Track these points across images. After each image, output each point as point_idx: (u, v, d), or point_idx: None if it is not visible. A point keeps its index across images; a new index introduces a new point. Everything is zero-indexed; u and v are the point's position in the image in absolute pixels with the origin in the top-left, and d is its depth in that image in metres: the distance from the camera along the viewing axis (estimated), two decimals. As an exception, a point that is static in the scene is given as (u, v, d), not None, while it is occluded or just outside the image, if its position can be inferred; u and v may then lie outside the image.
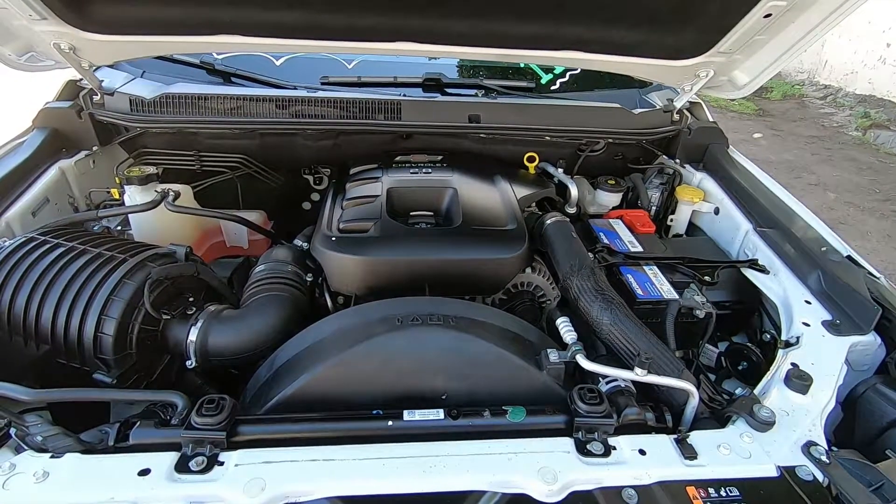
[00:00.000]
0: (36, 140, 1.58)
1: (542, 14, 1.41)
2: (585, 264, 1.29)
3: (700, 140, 1.90)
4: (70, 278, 1.09)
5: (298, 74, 1.89)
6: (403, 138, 1.85)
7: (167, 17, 1.39)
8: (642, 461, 0.86)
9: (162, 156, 1.77)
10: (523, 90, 1.98)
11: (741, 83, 1.74)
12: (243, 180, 1.86)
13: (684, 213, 1.84)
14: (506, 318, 1.15)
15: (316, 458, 0.84)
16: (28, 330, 1.07)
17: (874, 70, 7.37)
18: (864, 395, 1.08)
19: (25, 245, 1.15)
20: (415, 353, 1.02)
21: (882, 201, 5.00)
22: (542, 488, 0.80)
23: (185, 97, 1.67)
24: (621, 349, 1.11)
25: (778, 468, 0.86)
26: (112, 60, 1.60)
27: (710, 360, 1.40)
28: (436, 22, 1.42)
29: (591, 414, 0.91)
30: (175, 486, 0.79)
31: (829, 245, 1.39)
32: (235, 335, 1.15)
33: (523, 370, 1.02)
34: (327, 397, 0.98)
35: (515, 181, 1.69)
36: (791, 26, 1.45)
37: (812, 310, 1.23)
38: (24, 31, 1.41)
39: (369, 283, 1.33)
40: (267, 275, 1.30)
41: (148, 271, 1.13)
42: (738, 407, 0.97)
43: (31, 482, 0.78)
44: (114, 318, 1.06)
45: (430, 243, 1.37)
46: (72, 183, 1.61)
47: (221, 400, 0.89)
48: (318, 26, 1.43)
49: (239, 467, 0.82)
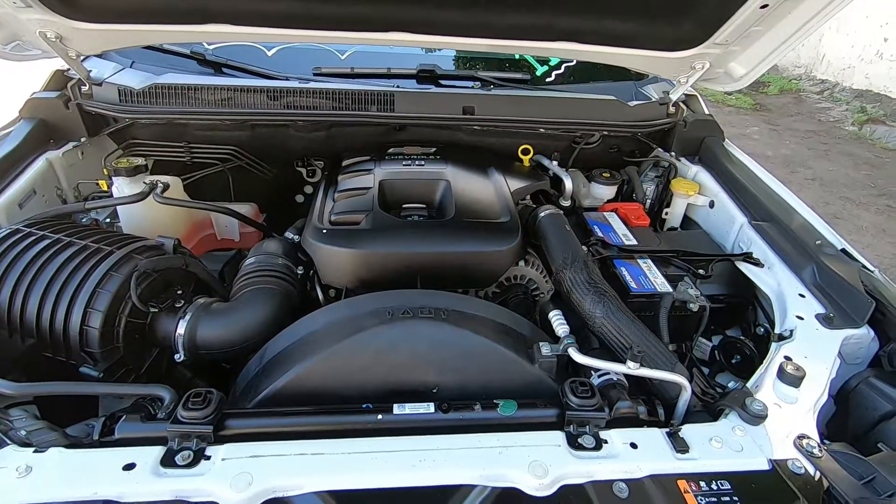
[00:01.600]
0: (23, 131, 1.55)
1: (537, 4, 1.39)
2: (578, 257, 1.28)
3: (696, 133, 1.89)
4: (56, 270, 1.07)
5: (290, 65, 1.87)
6: (397, 130, 1.83)
7: (156, 6, 1.37)
8: (634, 455, 0.86)
9: (151, 147, 1.75)
10: (518, 82, 1.96)
11: (737, 75, 1.73)
12: (234, 172, 1.84)
13: (679, 206, 1.83)
14: (498, 311, 1.14)
15: (304, 452, 0.83)
16: (13, 323, 1.05)
17: (871, 65, 7.36)
18: (856, 388, 1.08)
19: (10, 237, 1.13)
20: (406, 347, 1.01)
21: (878, 196, 5.02)
22: (533, 482, 0.80)
23: (175, 88, 1.64)
24: (614, 342, 1.10)
25: (769, 461, 0.86)
26: (100, 50, 1.57)
27: (703, 354, 1.39)
28: (430, 12, 1.40)
29: (583, 407, 0.91)
30: (160, 481, 0.78)
31: (823, 238, 1.38)
32: (224, 328, 1.14)
33: (515, 363, 1.01)
34: (317, 390, 0.97)
35: (509, 174, 1.68)
36: (787, 17, 1.43)
37: (806, 303, 1.22)
38: (9, 20, 1.38)
39: (361, 275, 1.32)
40: (257, 268, 1.29)
41: (135, 264, 1.12)
42: (731, 400, 0.96)
43: (13, 477, 0.77)
44: (100, 310, 1.04)
45: (422, 236, 1.36)
46: (59, 174, 1.58)
47: (208, 393, 0.88)
48: (311, 16, 1.41)
49: (226, 461, 0.81)
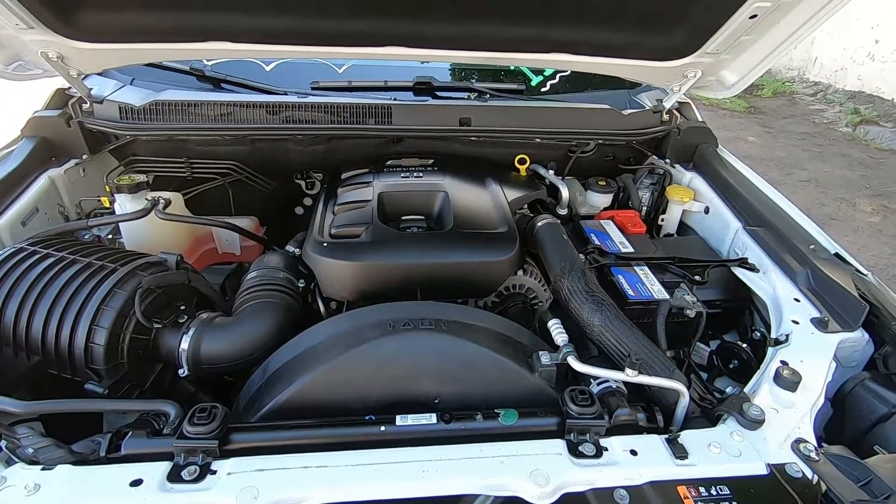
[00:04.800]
0: (25, 149, 1.57)
1: (530, 17, 1.42)
2: (576, 266, 1.29)
3: (689, 140, 1.92)
4: (60, 288, 1.08)
5: (289, 80, 1.89)
6: (394, 142, 1.85)
7: (155, 25, 1.39)
8: (634, 461, 0.87)
9: (152, 163, 1.77)
10: (513, 92, 1.98)
11: (729, 83, 1.75)
12: (235, 186, 1.86)
13: (675, 212, 1.85)
14: (497, 320, 1.15)
15: (309, 464, 0.84)
16: (18, 341, 1.06)
17: (863, 66, 7.44)
18: (852, 391, 1.09)
19: (15, 256, 1.14)
20: (407, 358, 1.02)
21: (872, 196, 5.05)
22: (535, 490, 0.81)
23: (175, 104, 1.66)
24: (612, 350, 1.11)
25: (768, 466, 0.87)
26: (100, 68, 1.59)
27: (701, 359, 1.41)
28: (425, 26, 1.42)
29: (583, 415, 0.92)
30: (167, 496, 0.79)
31: (817, 243, 1.40)
32: (228, 342, 1.15)
33: (515, 373, 1.03)
34: (320, 403, 0.98)
35: (506, 183, 1.70)
36: (777, 26, 1.46)
37: (801, 307, 1.24)
38: (12, 41, 1.41)
39: (361, 288, 1.33)
40: (259, 281, 1.30)
41: (139, 280, 1.13)
42: (729, 406, 0.97)
43: (22, 495, 0.78)
44: (104, 327, 1.06)
45: (421, 247, 1.37)
46: (62, 192, 1.60)
47: (213, 408, 0.89)
48: (308, 32, 1.43)
49: (232, 475, 0.82)
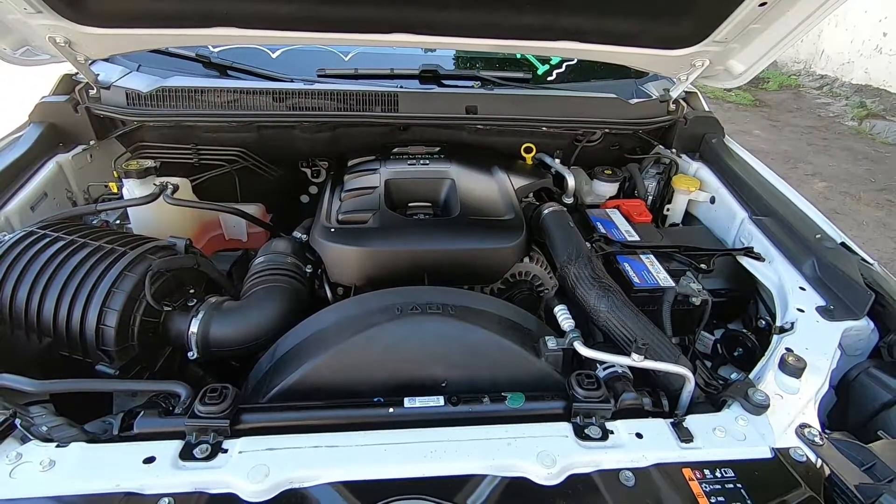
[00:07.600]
0: (33, 135, 1.57)
1: (538, 4, 1.41)
2: (582, 253, 1.30)
3: (696, 130, 1.91)
4: (71, 271, 1.09)
5: (295, 67, 1.89)
6: (401, 130, 1.85)
7: (162, 10, 1.39)
8: (639, 444, 0.88)
9: (159, 149, 1.77)
10: (520, 81, 1.98)
11: (737, 72, 1.75)
12: (241, 173, 1.86)
13: (680, 202, 1.85)
14: (504, 306, 1.16)
15: (318, 444, 0.85)
16: (30, 323, 1.08)
17: (870, 59, 7.38)
18: (856, 378, 1.10)
19: (25, 239, 1.16)
20: (414, 342, 1.03)
21: (878, 191, 5.03)
22: (542, 472, 0.82)
23: (182, 90, 1.67)
24: (618, 336, 1.12)
25: (772, 450, 0.88)
26: (107, 54, 1.59)
27: (706, 347, 1.41)
28: (432, 13, 1.42)
29: (589, 399, 0.93)
30: (180, 473, 0.80)
31: (823, 232, 1.40)
32: (236, 326, 1.16)
33: (522, 357, 1.03)
34: (328, 386, 1.00)
35: (513, 172, 1.70)
36: (786, 15, 1.45)
37: (806, 296, 1.24)
38: (19, 25, 1.41)
39: (368, 273, 1.34)
40: (267, 266, 1.31)
41: (149, 263, 1.14)
42: (734, 391, 0.98)
43: (37, 470, 0.79)
44: (115, 309, 1.07)
45: (428, 234, 1.38)
46: (69, 177, 1.61)
47: (224, 389, 0.90)
48: (314, 18, 1.43)
49: (243, 454, 0.83)
